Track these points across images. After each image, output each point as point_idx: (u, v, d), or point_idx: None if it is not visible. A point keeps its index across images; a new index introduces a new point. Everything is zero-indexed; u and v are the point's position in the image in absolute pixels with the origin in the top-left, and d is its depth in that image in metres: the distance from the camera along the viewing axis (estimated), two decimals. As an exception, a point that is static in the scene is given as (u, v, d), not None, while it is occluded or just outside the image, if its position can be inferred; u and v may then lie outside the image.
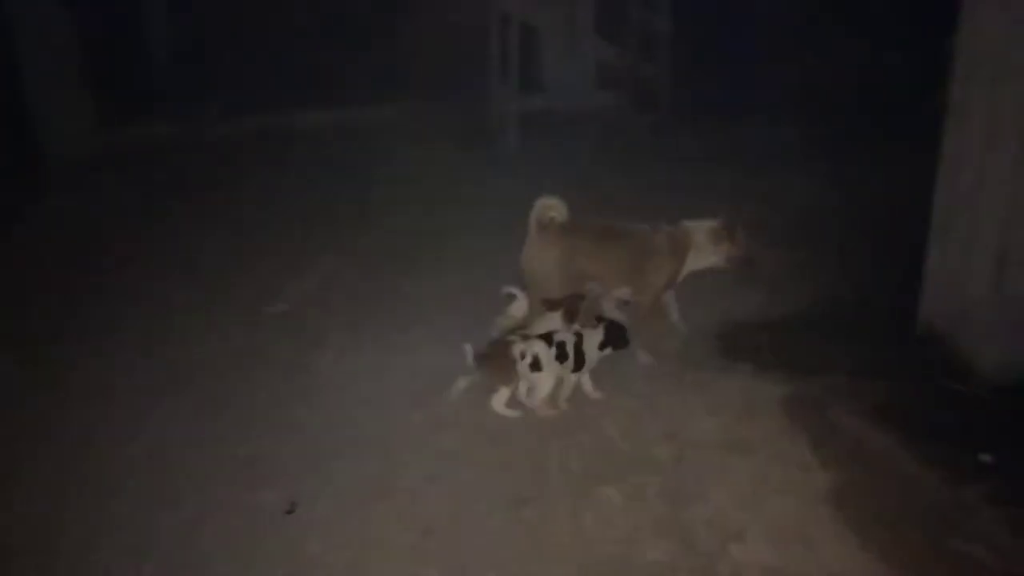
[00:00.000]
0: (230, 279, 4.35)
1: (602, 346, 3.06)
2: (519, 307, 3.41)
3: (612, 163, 6.21)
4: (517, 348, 2.96)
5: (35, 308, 4.12)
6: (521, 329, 3.20)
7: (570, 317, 3.17)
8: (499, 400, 3.01)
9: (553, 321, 3.16)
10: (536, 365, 2.94)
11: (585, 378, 3.11)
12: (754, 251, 3.51)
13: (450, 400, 3.10)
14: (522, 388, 3.04)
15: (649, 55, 6.91)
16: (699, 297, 3.86)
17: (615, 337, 3.09)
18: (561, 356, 2.97)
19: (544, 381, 2.99)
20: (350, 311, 3.94)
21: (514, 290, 3.44)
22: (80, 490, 2.68)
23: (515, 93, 6.64)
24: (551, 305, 3.21)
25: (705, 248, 3.36)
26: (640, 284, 3.36)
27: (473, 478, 2.72)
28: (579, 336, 3.04)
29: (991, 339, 3.03)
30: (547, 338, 3.00)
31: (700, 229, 3.37)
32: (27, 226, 5.25)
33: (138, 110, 7.05)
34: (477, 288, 4.11)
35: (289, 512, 2.57)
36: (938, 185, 3.16)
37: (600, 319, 3.17)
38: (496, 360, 3.00)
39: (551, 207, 3.29)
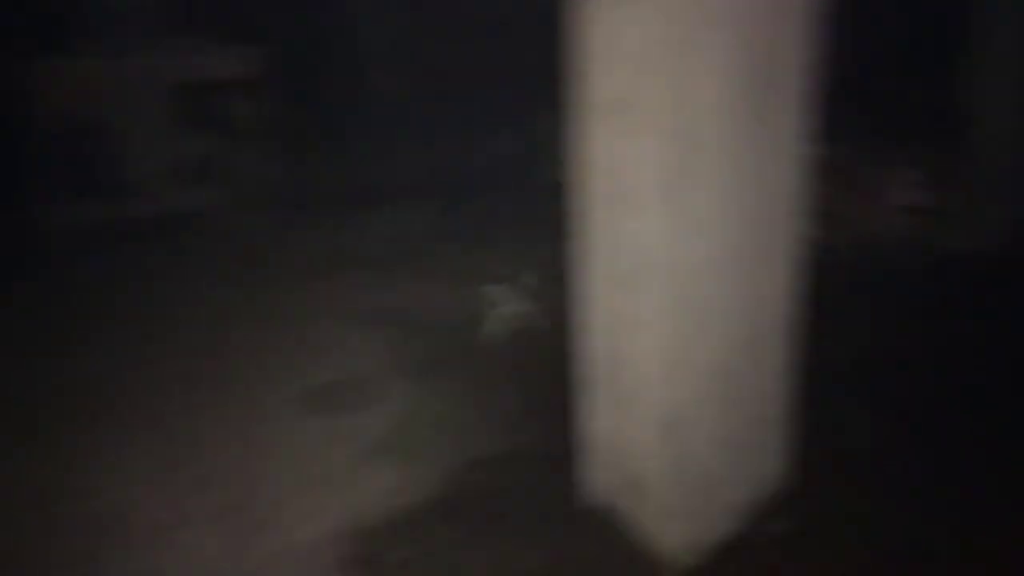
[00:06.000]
0: None
1: None
2: None
3: (218, 272, 4.99)
4: None
5: None
6: None
7: None
8: None
9: None
10: None
11: None
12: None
13: None
14: None
15: (252, 145, 5.84)
16: (311, 489, 2.87)
17: None
18: None
19: None
20: None
21: None
22: None
23: (84, 199, 5.16)
24: None
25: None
26: None
27: None
28: None
29: (670, 514, 2.40)
30: None
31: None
32: None
33: None
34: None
35: None
36: (577, 328, 2.49)
37: None
38: None
39: None
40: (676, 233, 2.12)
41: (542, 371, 3.49)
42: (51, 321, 4.36)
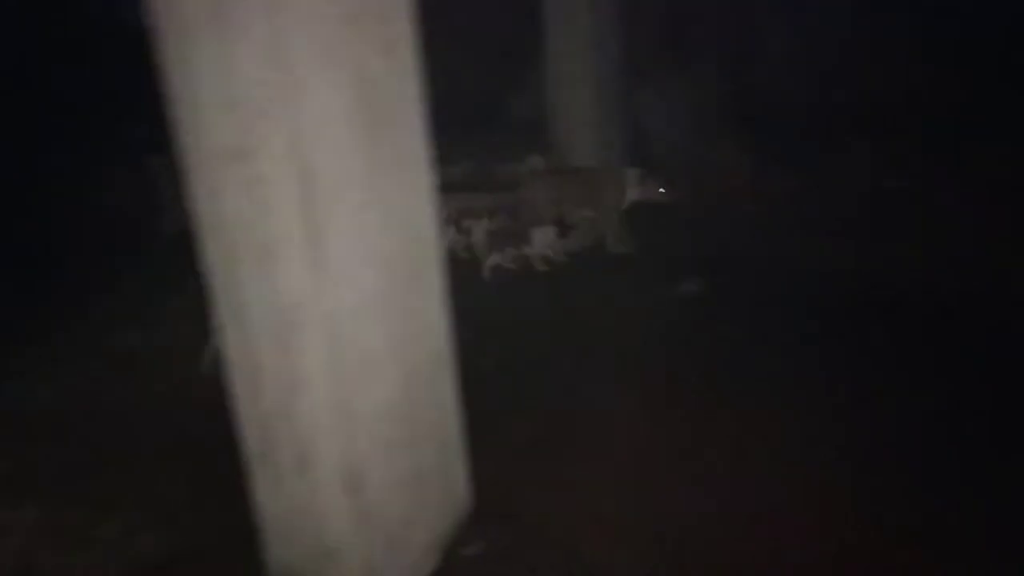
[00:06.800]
0: None
1: None
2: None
3: None
4: None
5: None
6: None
7: None
8: None
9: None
10: None
11: None
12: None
13: None
14: None
15: None
16: None
17: None
18: None
19: None
20: None
21: None
22: None
23: None
24: None
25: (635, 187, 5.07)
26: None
27: None
28: None
29: (364, 572, 2.28)
30: None
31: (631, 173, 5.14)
32: None
33: None
34: None
35: None
36: (232, 398, 2.25)
37: None
38: None
39: (536, 161, 5.64)
40: (323, 284, 2.00)
41: (215, 438, 2.82)
42: None
